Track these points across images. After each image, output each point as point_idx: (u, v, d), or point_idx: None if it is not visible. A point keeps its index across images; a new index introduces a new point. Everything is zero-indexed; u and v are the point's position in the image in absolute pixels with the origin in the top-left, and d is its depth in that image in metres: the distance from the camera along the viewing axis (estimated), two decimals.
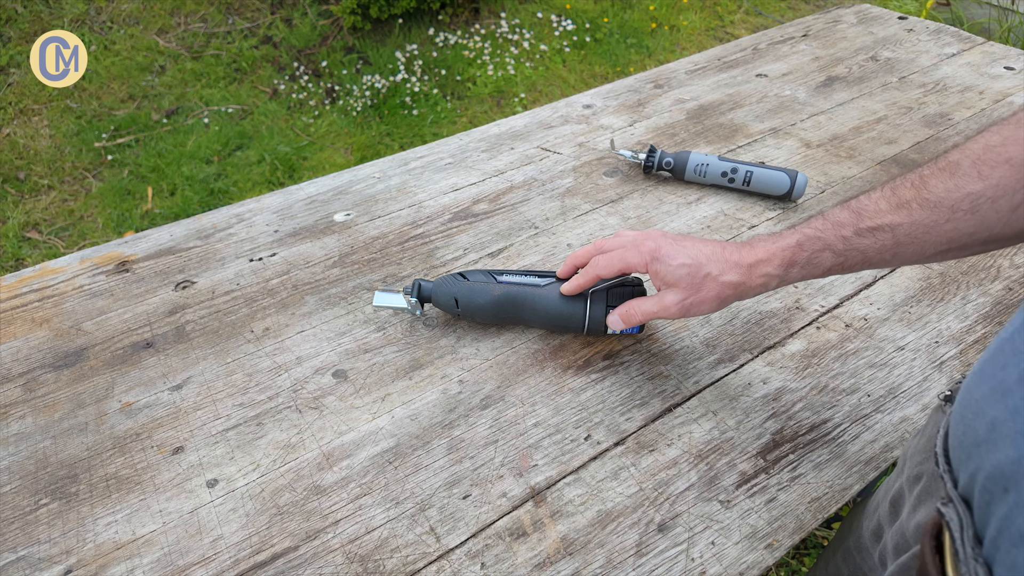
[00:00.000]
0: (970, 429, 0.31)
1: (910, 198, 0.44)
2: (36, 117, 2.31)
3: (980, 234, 0.42)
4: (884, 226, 0.45)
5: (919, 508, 0.43)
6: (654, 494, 0.51)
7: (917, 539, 0.41)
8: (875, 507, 0.54)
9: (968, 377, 0.34)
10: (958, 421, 0.34)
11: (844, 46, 1.19)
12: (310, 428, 0.56)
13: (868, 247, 0.46)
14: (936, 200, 0.42)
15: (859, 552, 0.56)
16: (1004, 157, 0.40)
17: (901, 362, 0.62)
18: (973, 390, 0.32)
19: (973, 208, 0.41)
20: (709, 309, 0.52)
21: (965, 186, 0.41)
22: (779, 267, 0.49)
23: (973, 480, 0.30)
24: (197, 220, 0.81)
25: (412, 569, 0.47)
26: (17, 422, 0.57)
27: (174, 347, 0.64)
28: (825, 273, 0.49)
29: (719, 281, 0.50)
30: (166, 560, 0.47)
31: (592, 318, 0.59)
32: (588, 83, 2.61)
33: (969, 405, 0.32)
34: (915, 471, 0.45)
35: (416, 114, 2.42)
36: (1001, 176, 0.40)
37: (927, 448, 0.44)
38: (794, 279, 0.50)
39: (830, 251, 0.47)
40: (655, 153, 0.84)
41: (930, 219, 0.43)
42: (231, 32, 2.64)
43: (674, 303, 0.52)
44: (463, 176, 0.88)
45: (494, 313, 0.62)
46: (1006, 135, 0.41)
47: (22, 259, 1.87)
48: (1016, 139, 0.40)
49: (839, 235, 0.47)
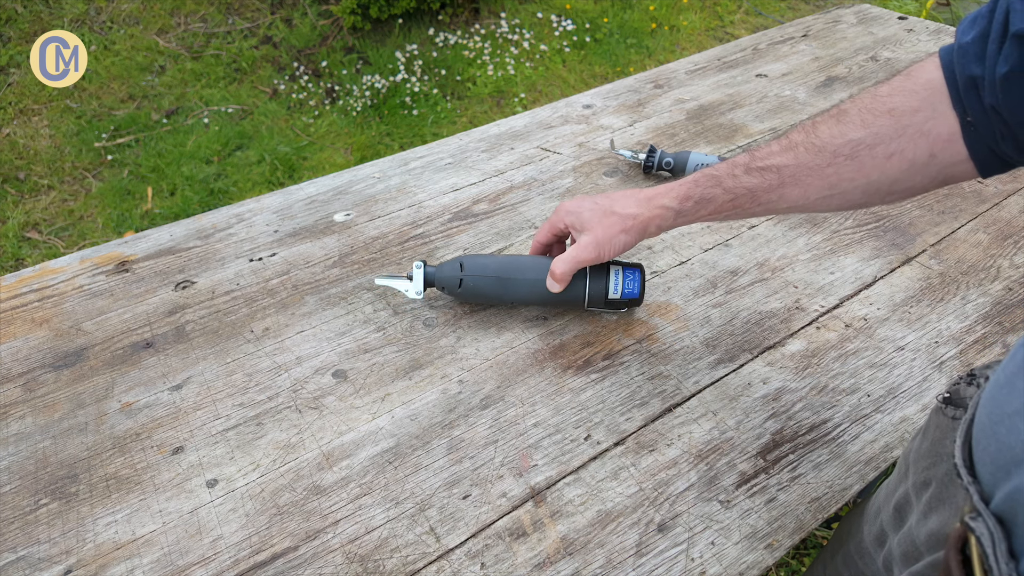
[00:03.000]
0: (1005, 447, 0.30)
1: (799, 141, 0.46)
2: (36, 117, 2.31)
3: (858, 180, 0.43)
4: (772, 166, 0.47)
5: (930, 515, 0.42)
6: (654, 494, 0.51)
7: (930, 548, 0.41)
8: (876, 511, 0.54)
9: (991, 387, 0.33)
10: (988, 435, 0.32)
11: (844, 46, 1.19)
12: (310, 428, 0.56)
13: (756, 185, 0.48)
14: (821, 144, 0.44)
15: (861, 557, 0.56)
16: (888, 107, 0.41)
17: (901, 362, 0.62)
18: (1003, 403, 0.31)
19: (852, 153, 0.43)
20: (620, 241, 0.55)
21: (848, 132, 0.43)
22: (674, 199, 0.53)
23: (1013, 499, 0.29)
24: (197, 220, 0.81)
25: (412, 569, 0.47)
26: (17, 422, 0.57)
27: (174, 347, 0.64)
28: (719, 211, 0.51)
29: (621, 214, 0.55)
30: (166, 560, 0.47)
31: (592, 292, 0.62)
32: (588, 83, 2.61)
33: (1001, 420, 0.31)
34: (922, 476, 0.44)
35: (416, 114, 2.42)
36: (882, 125, 0.41)
37: (933, 453, 0.43)
38: (692, 214, 0.53)
39: (721, 187, 0.50)
40: (655, 153, 0.84)
41: (813, 161, 0.45)
42: (231, 32, 2.64)
43: (587, 243, 0.56)
44: (463, 176, 0.88)
45: (497, 284, 0.63)
46: (894, 86, 0.42)
47: (22, 259, 1.87)
48: (903, 89, 0.41)
49: (731, 173, 0.50)
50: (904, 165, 0.41)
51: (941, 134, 0.40)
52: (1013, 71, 0.34)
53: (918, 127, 0.40)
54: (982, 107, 0.37)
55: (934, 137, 0.40)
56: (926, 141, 0.40)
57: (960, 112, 0.38)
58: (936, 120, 0.40)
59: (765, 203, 0.48)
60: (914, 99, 0.41)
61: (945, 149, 0.40)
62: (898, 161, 0.41)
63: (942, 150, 0.40)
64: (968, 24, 0.38)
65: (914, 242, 0.75)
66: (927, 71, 0.41)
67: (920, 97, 0.40)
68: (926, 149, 0.40)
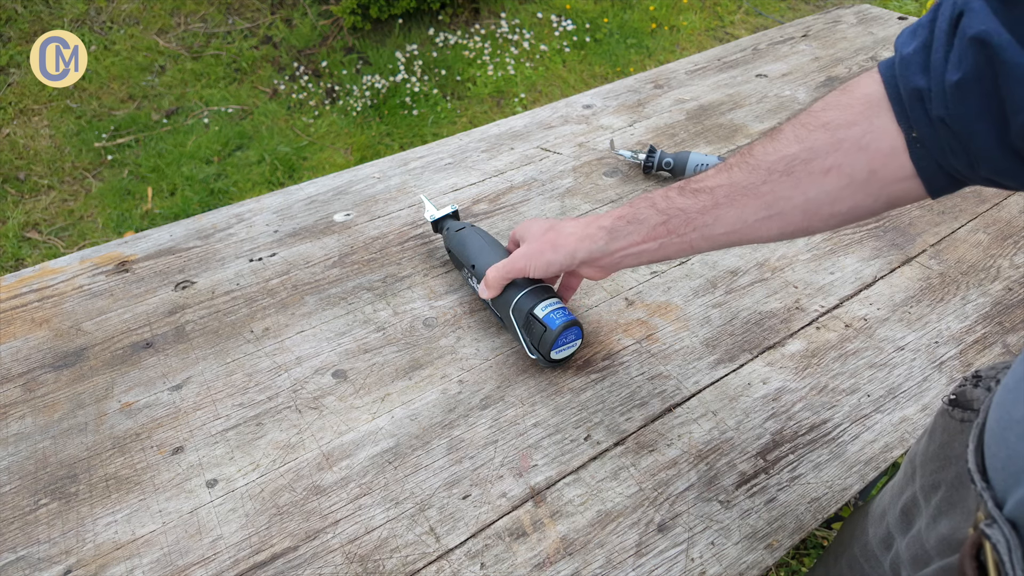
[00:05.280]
0: (1016, 453, 0.30)
1: (734, 163, 0.45)
2: (36, 117, 2.31)
3: (796, 198, 0.42)
4: (705, 188, 0.46)
5: (940, 520, 0.41)
6: (654, 494, 0.51)
7: (940, 552, 0.41)
8: (881, 513, 0.53)
9: (1001, 392, 0.33)
10: (999, 442, 0.32)
11: (844, 46, 1.19)
12: (310, 428, 0.56)
13: (689, 206, 0.46)
14: (755, 163, 0.43)
15: (867, 560, 0.56)
16: (822, 121, 0.40)
17: (901, 362, 0.62)
18: (1011, 408, 0.31)
19: (787, 169, 0.41)
20: (546, 258, 0.55)
21: (782, 148, 0.41)
22: (609, 219, 0.52)
23: None
24: (197, 220, 0.81)
25: (412, 569, 0.47)
26: (17, 422, 0.57)
27: (174, 347, 0.64)
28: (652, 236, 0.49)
29: (558, 232, 0.55)
30: (166, 560, 0.47)
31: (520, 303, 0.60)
32: (588, 83, 2.61)
33: (1011, 426, 0.31)
34: (930, 480, 0.44)
35: (416, 114, 2.42)
36: (816, 139, 0.40)
37: (942, 456, 0.43)
38: (624, 236, 0.51)
39: (654, 208, 0.49)
40: (655, 153, 0.84)
41: (748, 180, 0.43)
42: (231, 32, 2.64)
43: (520, 253, 0.57)
44: (463, 176, 0.88)
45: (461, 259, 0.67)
46: (829, 100, 0.41)
47: (22, 259, 1.87)
48: (837, 104, 0.40)
49: (664, 195, 0.48)
50: (843, 180, 0.39)
51: (881, 148, 0.38)
52: (966, 78, 0.32)
53: (855, 141, 0.38)
54: (928, 120, 0.35)
55: (873, 151, 0.38)
56: (865, 155, 0.38)
57: (905, 127, 0.36)
58: (875, 134, 0.38)
59: (700, 227, 0.46)
60: (849, 112, 0.39)
61: (887, 165, 0.38)
62: (836, 176, 0.39)
63: (883, 165, 0.38)
64: (909, 35, 0.37)
65: (914, 242, 0.75)
66: (864, 85, 0.39)
67: (856, 111, 0.39)
68: (865, 164, 0.38)
